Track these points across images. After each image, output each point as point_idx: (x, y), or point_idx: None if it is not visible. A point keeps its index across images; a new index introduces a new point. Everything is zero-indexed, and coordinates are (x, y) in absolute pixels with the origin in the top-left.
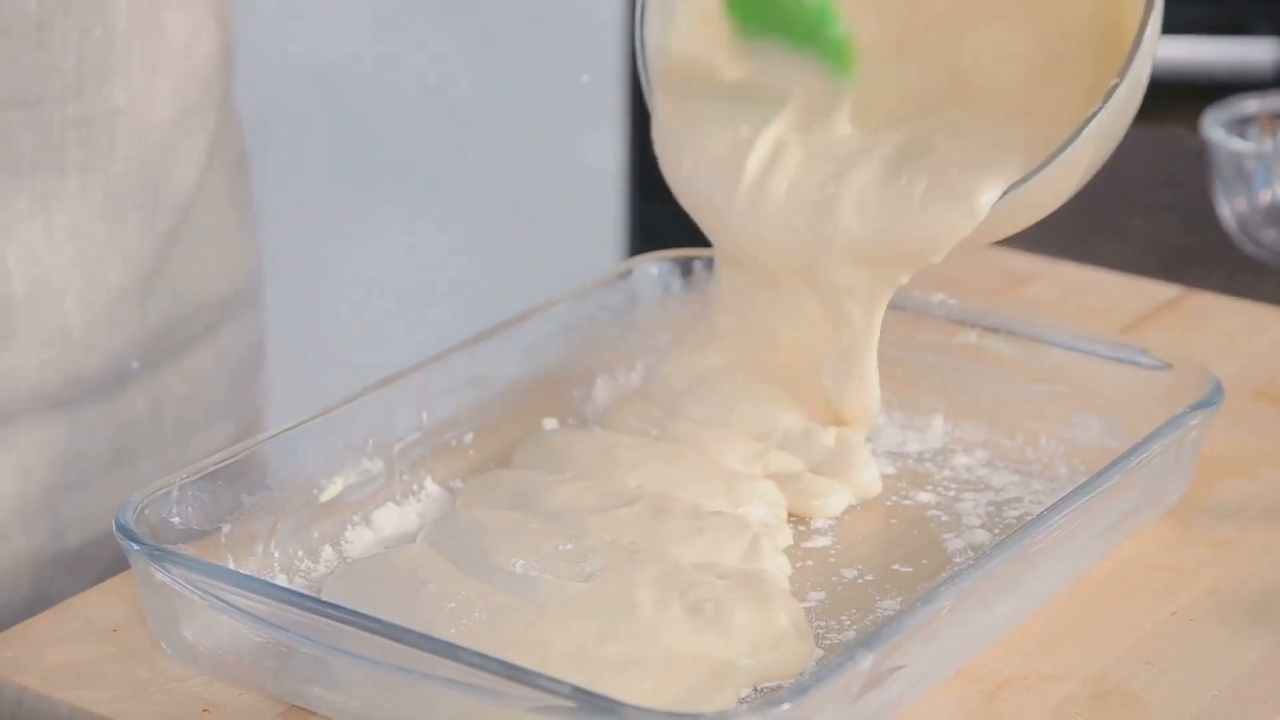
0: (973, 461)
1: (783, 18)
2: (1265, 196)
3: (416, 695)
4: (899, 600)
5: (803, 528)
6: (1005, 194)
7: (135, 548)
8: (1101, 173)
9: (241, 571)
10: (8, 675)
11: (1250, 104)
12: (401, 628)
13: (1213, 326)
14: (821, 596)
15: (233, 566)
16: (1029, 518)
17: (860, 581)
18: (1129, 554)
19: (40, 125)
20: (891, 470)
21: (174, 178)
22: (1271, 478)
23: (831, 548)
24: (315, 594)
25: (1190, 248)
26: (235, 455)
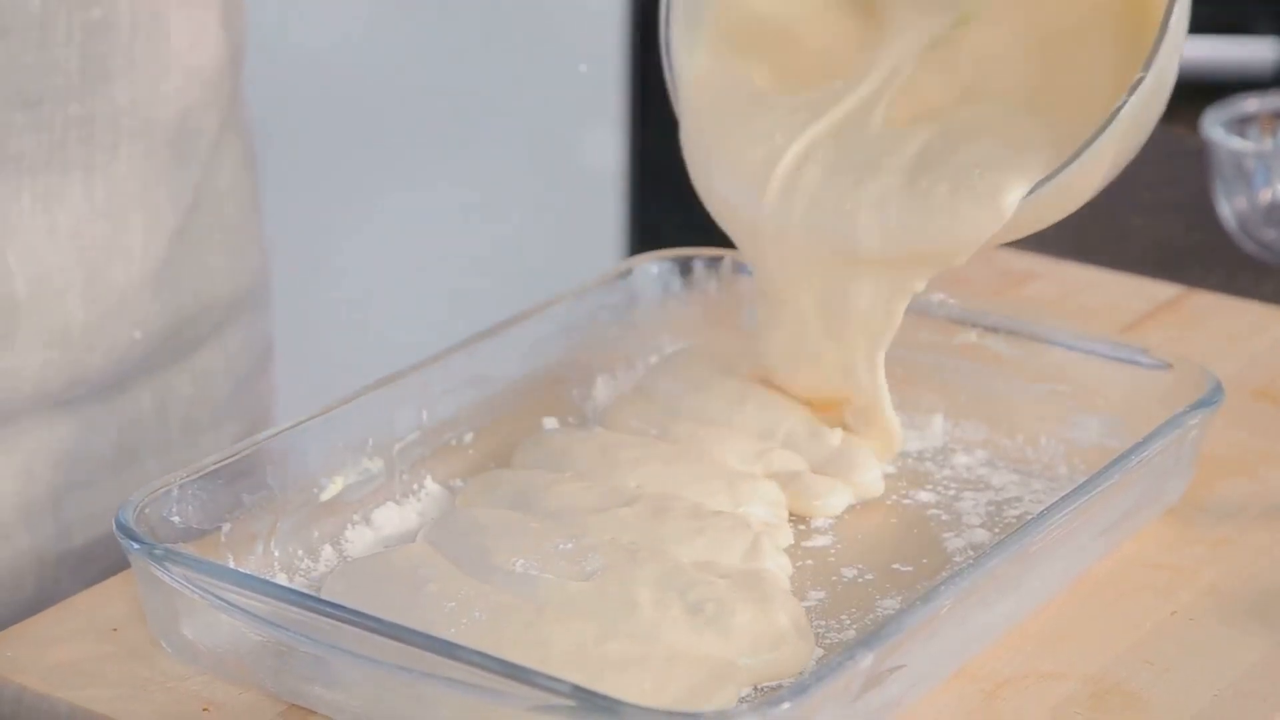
0: (973, 461)
1: None
2: (1265, 196)
3: (416, 694)
4: (899, 599)
5: (803, 527)
6: (1031, 192)
7: (135, 547)
8: None
9: (241, 570)
10: (8, 674)
11: (1250, 103)
12: (401, 627)
13: (1213, 326)
14: (821, 596)
15: (233, 565)
16: (1029, 517)
17: (860, 581)
18: (1129, 553)
19: (42, 125)
20: (891, 469)
21: (179, 178)
22: (1271, 477)
23: (831, 547)
24: (315, 593)
25: (1190, 247)
26: (235, 454)
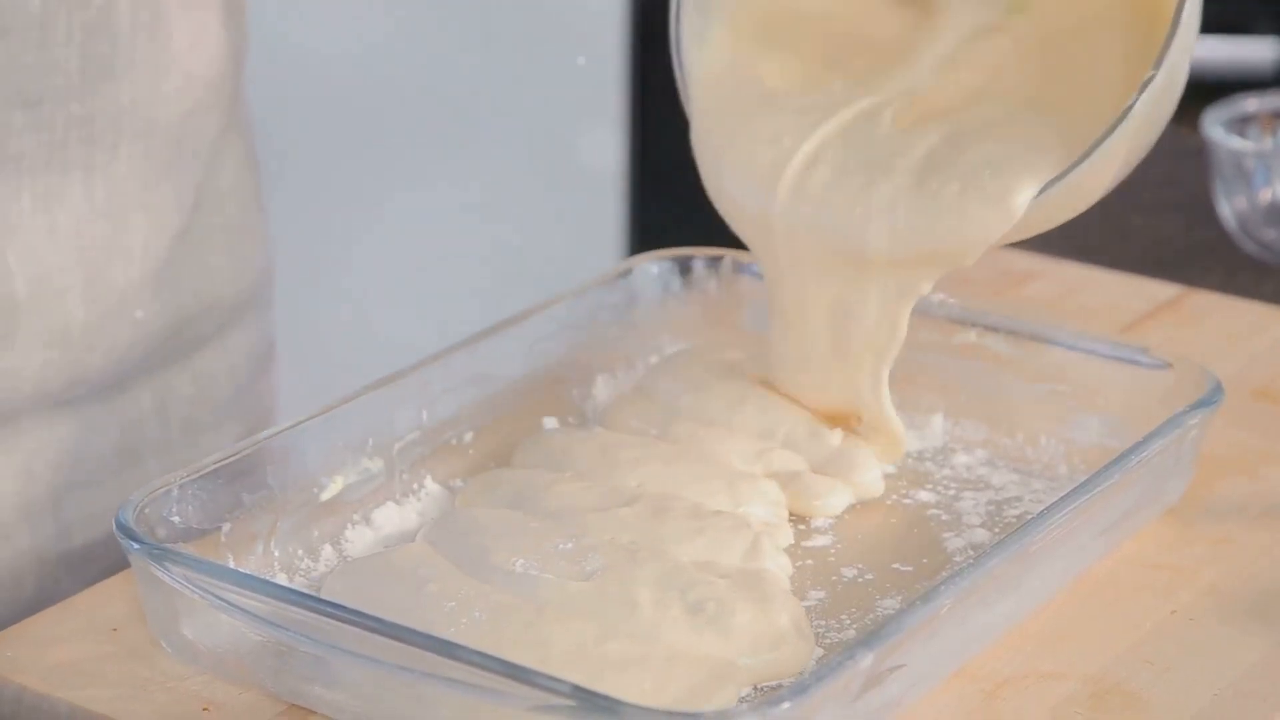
0: (973, 460)
1: None
2: (1265, 195)
3: (416, 694)
4: (899, 599)
5: (802, 527)
6: (1041, 192)
7: (135, 546)
8: None
9: (241, 570)
10: (8, 674)
11: (1250, 103)
12: (401, 627)
13: (1213, 326)
14: (821, 595)
15: (233, 565)
16: (1029, 517)
17: (860, 580)
18: (1129, 553)
19: (43, 124)
20: (891, 469)
21: (179, 178)
22: (1271, 477)
23: (831, 547)
24: (315, 593)
25: (1190, 247)
26: (235, 454)
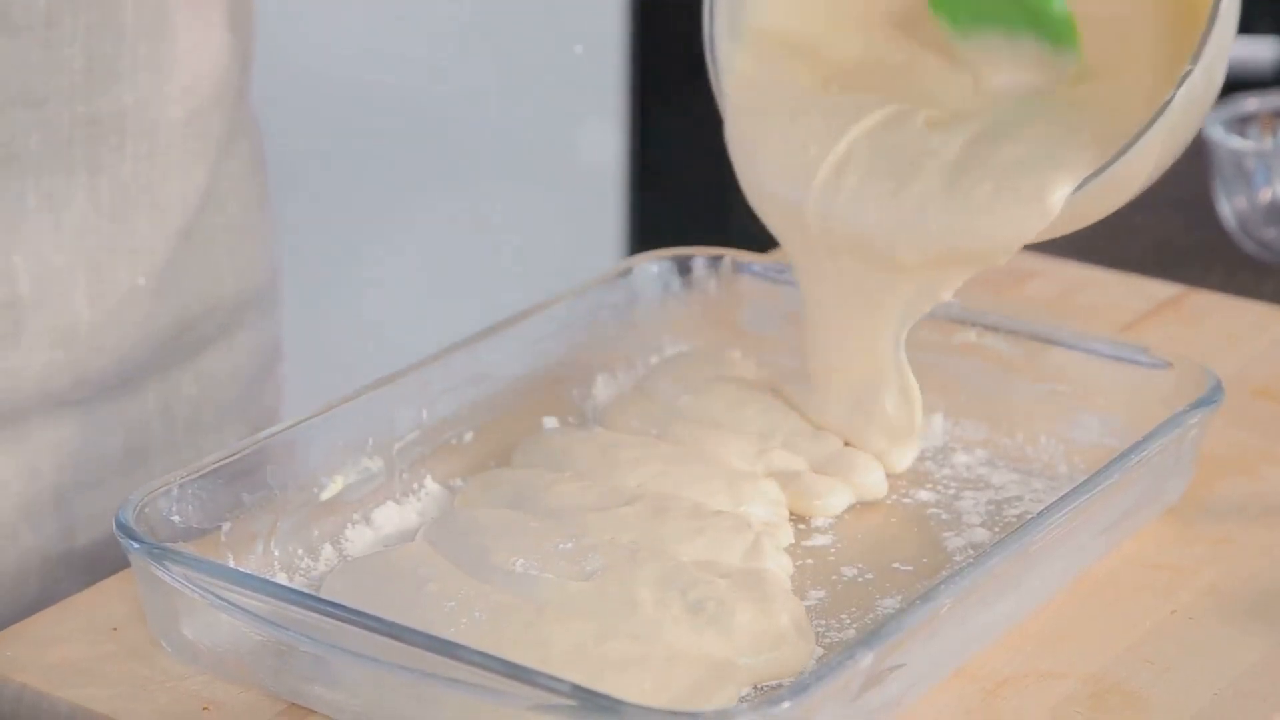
0: (973, 460)
1: (994, 5)
2: (1265, 195)
3: (416, 694)
4: (899, 599)
5: (802, 526)
6: (1078, 189)
7: (135, 546)
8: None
9: (241, 570)
10: (8, 673)
11: (1250, 102)
12: (401, 626)
13: (1213, 325)
14: (821, 595)
15: (233, 565)
16: (1029, 516)
17: (860, 580)
18: (1129, 553)
19: (48, 124)
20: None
21: (185, 178)
22: (1271, 476)
23: (831, 546)
24: (315, 592)
25: (1190, 246)
26: (235, 454)
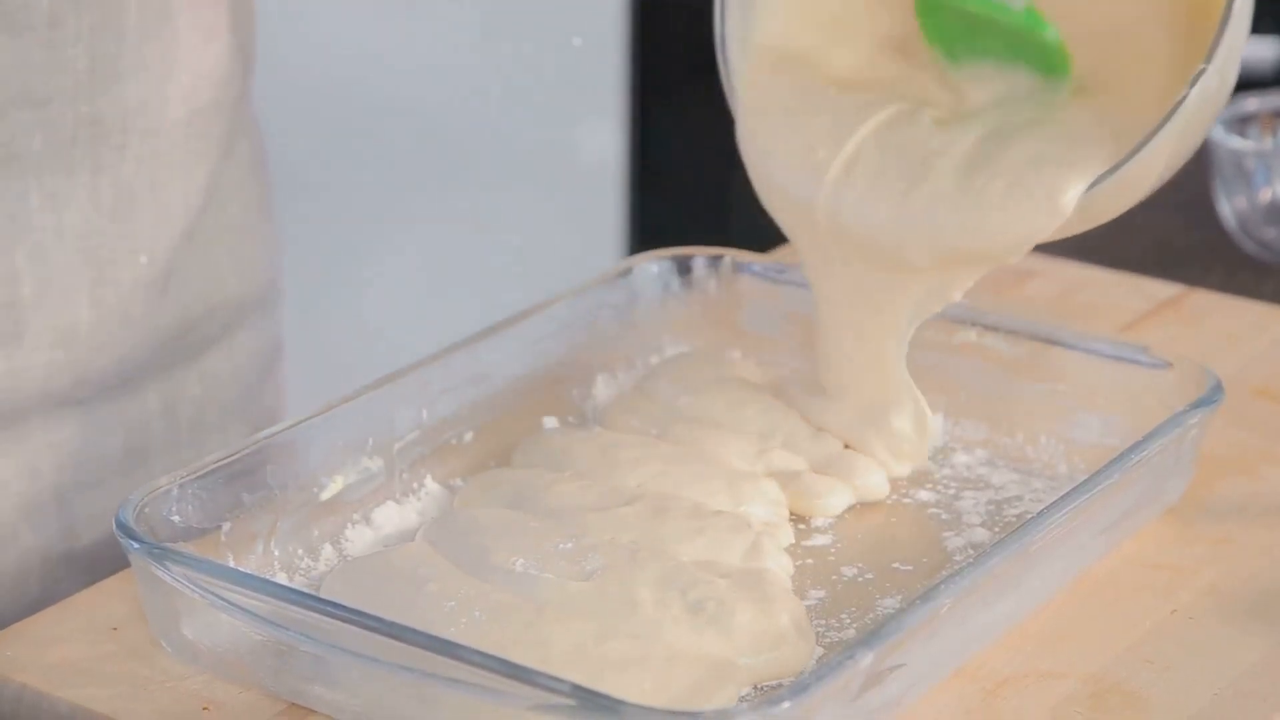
0: (973, 460)
1: (988, 35)
2: (1265, 195)
3: (416, 694)
4: (899, 599)
5: (802, 526)
6: (1090, 187)
7: (135, 546)
8: None
9: (241, 570)
10: (8, 673)
11: (1250, 102)
12: (401, 626)
13: (1213, 325)
14: (821, 595)
15: (233, 565)
16: (1029, 516)
17: (860, 580)
18: (1129, 553)
19: (51, 124)
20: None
21: (187, 179)
22: (1271, 476)
23: (831, 546)
24: (315, 592)
25: (1190, 246)
26: (235, 454)
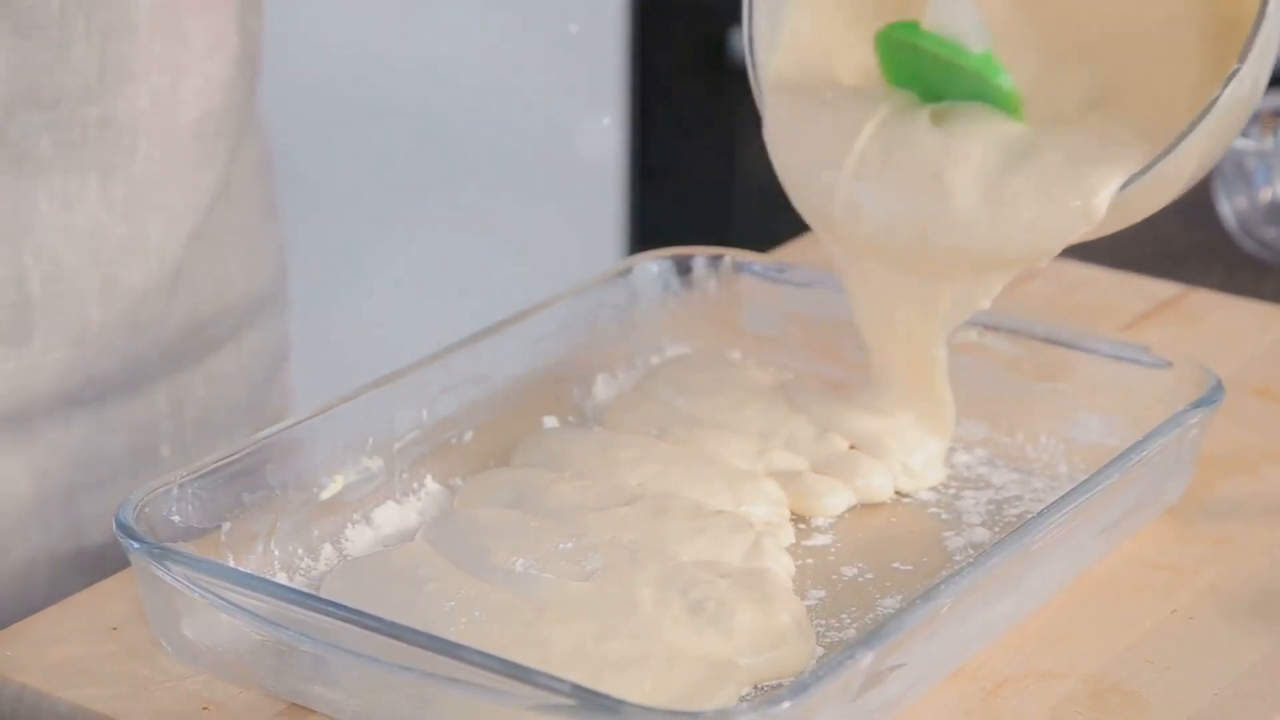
0: (973, 459)
1: (947, 77)
2: (1266, 194)
3: (416, 694)
4: (899, 598)
5: (803, 526)
6: (1124, 187)
7: (135, 546)
8: None
9: (242, 570)
10: (8, 673)
11: None
12: (401, 626)
13: (1213, 324)
14: (822, 595)
15: (233, 565)
16: (1029, 516)
17: (860, 580)
18: (1129, 552)
19: (60, 125)
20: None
21: (196, 180)
22: (1272, 476)
23: (832, 546)
24: (315, 592)
25: (1190, 246)
26: (235, 453)
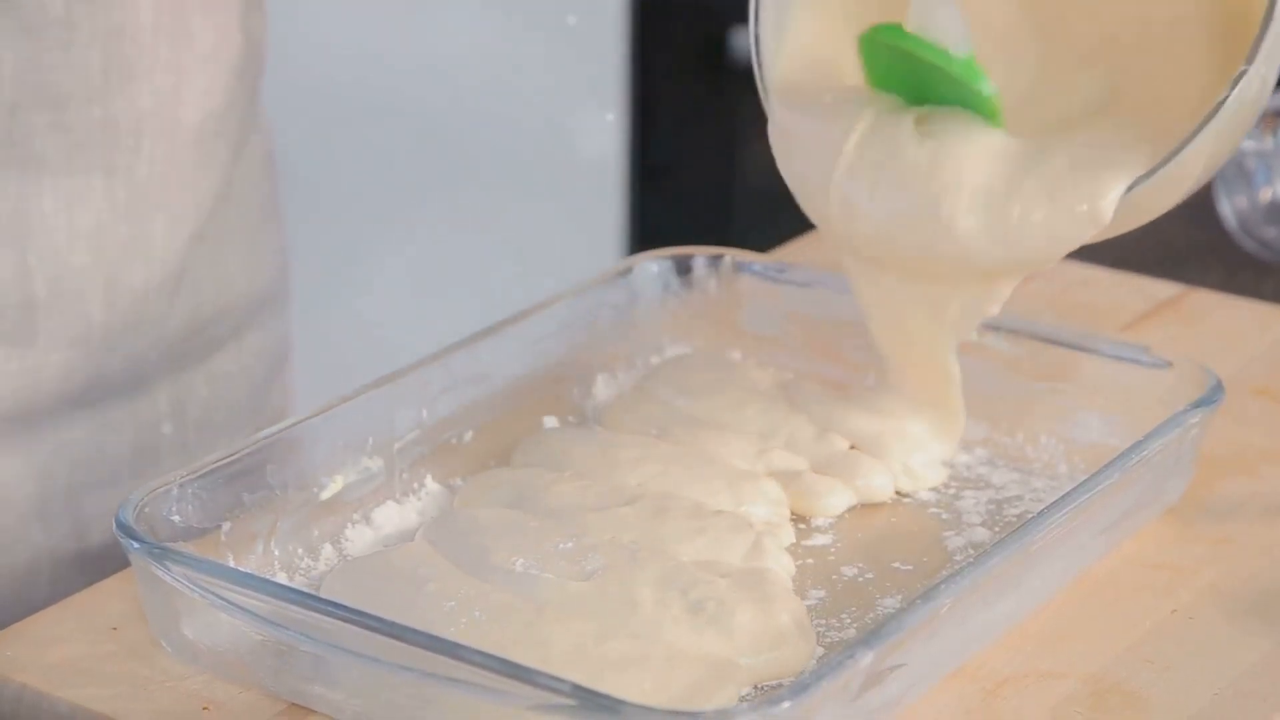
0: (973, 459)
1: (927, 81)
2: (1266, 194)
3: (416, 694)
4: (899, 598)
5: (803, 526)
6: (1130, 189)
7: (135, 546)
8: None
9: (242, 570)
10: (8, 673)
11: None
12: (401, 626)
13: (1213, 324)
14: (822, 594)
15: (233, 565)
16: (1029, 516)
17: (860, 579)
18: (1129, 552)
19: (65, 126)
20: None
21: (200, 181)
22: (1272, 475)
23: (832, 546)
24: (315, 592)
25: (1191, 245)
26: (235, 453)
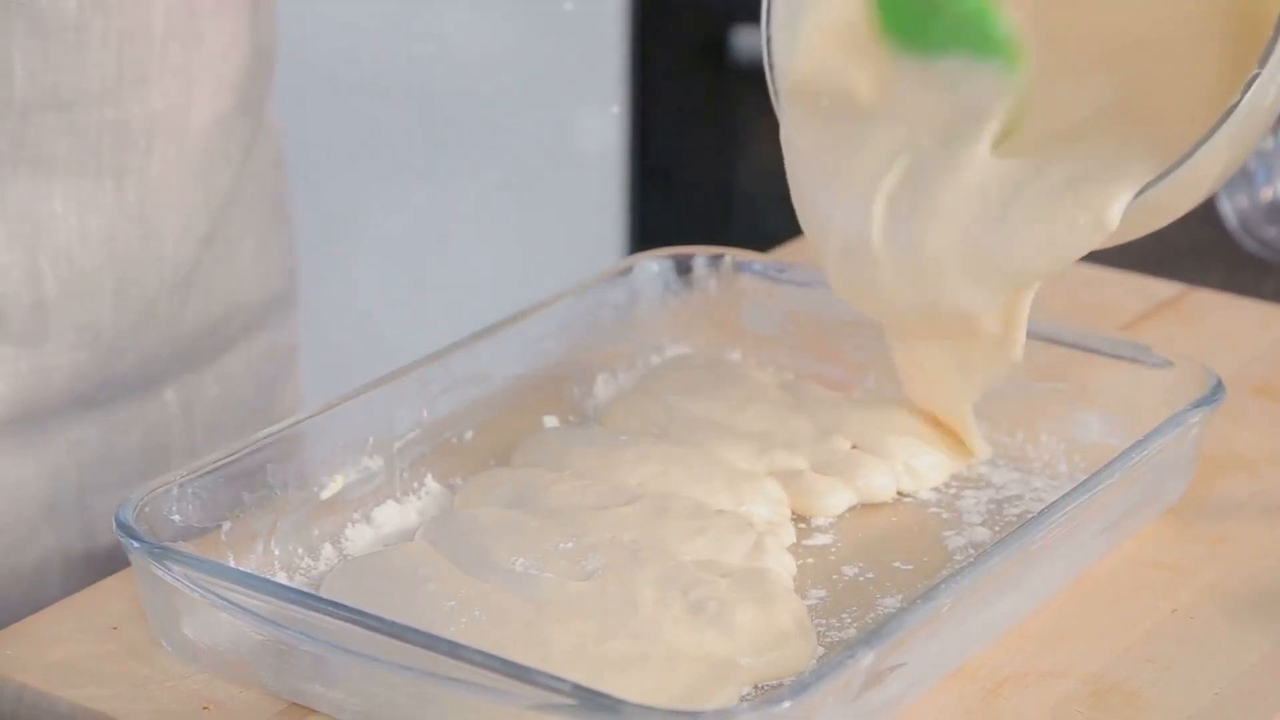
0: (973, 459)
1: (941, 24)
2: (1266, 194)
3: (416, 693)
4: (900, 598)
5: (803, 525)
6: (1138, 195)
7: (135, 545)
8: None
9: (242, 569)
10: (8, 673)
11: None
12: (401, 625)
13: (1213, 324)
14: (822, 594)
15: (233, 564)
16: (1030, 515)
17: (861, 579)
18: (1129, 552)
19: (76, 128)
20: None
21: (210, 182)
22: (1272, 475)
23: (832, 545)
24: (315, 592)
25: (1191, 245)
26: (235, 453)
